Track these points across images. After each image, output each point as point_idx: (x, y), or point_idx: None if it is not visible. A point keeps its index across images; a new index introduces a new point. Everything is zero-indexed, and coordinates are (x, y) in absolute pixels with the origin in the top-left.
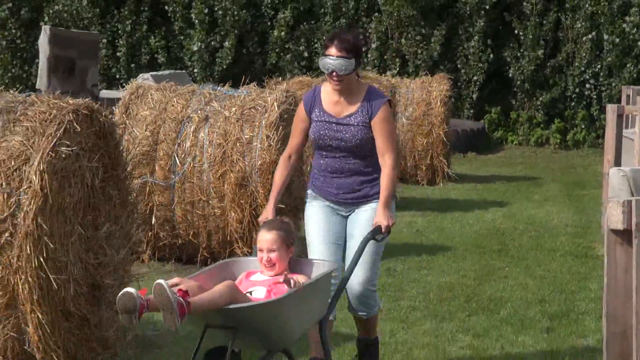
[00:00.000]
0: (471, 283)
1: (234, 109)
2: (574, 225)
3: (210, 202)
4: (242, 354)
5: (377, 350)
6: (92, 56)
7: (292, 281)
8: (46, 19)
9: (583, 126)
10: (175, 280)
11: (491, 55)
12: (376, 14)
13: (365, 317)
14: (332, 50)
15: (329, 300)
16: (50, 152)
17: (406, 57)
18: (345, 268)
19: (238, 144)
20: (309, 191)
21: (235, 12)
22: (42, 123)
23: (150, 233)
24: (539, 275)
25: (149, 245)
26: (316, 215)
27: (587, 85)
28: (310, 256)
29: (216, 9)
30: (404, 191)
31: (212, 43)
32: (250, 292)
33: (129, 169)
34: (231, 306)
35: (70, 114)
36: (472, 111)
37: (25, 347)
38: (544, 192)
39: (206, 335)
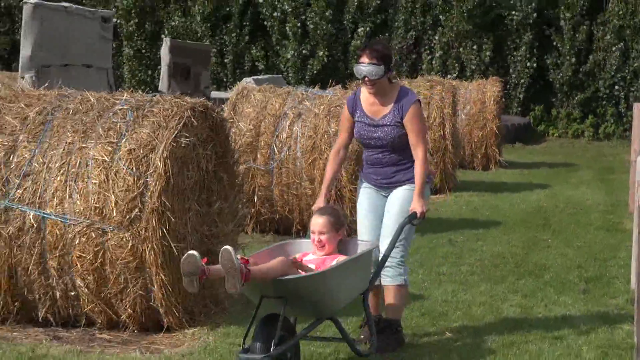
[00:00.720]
0: (519, 252)
1: (322, 106)
2: (605, 204)
3: (302, 184)
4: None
5: (393, 333)
6: (204, 63)
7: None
8: (166, 32)
9: (612, 121)
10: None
11: (535, 62)
12: (439, 28)
13: (389, 283)
14: (364, 59)
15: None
16: (172, 142)
17: (464, 63)
18: (380, 239)
19: (326, 136)
20: (360, 175)
21: (323, 26)
22: (165, 118)
23: (253, 209)
24: (576, 245)
25: (252, 220)
26: (362, 197)
27: (616, 87)
28: (358, 226)
29: (308, 23)
30: (463, 175)
31: (304, 52)
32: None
33: (236, 156)
34: (281, 278)
35: (189, 111)
36: (519, 109)
37: (151, 303)
38: (580, 177)
39: (262, 304)
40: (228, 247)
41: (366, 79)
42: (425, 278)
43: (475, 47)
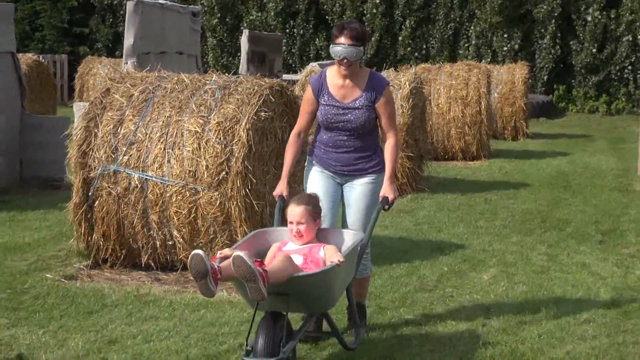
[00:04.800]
0: (545, 209)
1: None
2: (617, 169)
3: None
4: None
5: (364, 317)
6: (277, 51)
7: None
8: (245, 24)
9: (623, 99)
10: (225, 251)
11: (558, 49)
12: (475, 20)
13: (358, 276)
14: (342, 39)
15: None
16: (253, 116)
17: (496, 50)
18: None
19: None
20: (309, 158)
21: (376, 19)
22: (248, 96)
23: None
24: (593, 203)
25: None
26: (315, 181)
27: (626, 71)
28: None
29: (363, 16)
30: (495, 145)
31: None
32: None
33: None
34: (298, 274)
35: (267, 90)
36: (543, 88)
37: None
38: (595, 146)
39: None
40: (239, 252)
41: (345, 60)
42: (465, 231)
43: (506, 35)
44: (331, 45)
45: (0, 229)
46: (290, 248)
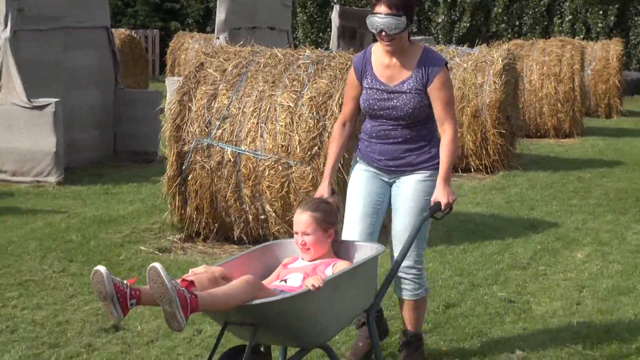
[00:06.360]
0: None
1: (470, 62)
2: None
3: None
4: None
5: (419, 349)
6: (367, 26)
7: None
8: (335, 0)
9: None
10: (200, 268)
11: None
12: None
13: (408, 298)
14: (381, 8)
15: (377, 287)
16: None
17: (590, 26)
18: (392, 242)
19: (473, 87)
20: (355, 154)
21: None
22: (340, 70)
23: None
24: None
25: None
26: (358, 180)
27: None
28: (345, 215)
29: None
30: (588, 122)
31: (452, 17)
32: (286, 280)
33: None
34: (249, 303)
35: None
36: (638, 65)
37: None
38: None
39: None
40: (156, 264)
41: (383, 33)
42: (558, 209)
43: (600, 12)
44: (368, 16)
45: (94, 201)
46: (297, 265)
